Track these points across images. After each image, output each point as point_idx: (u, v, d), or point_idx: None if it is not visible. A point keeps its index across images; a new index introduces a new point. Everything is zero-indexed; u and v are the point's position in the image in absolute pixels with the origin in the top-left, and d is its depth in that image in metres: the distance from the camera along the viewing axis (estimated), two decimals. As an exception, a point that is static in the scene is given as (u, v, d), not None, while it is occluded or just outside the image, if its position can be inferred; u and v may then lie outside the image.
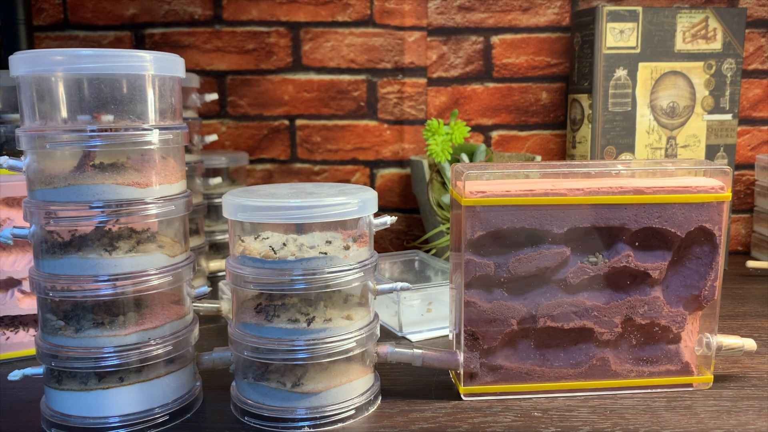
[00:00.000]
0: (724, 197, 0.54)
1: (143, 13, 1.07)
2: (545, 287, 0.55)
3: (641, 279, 0.56)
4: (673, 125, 0.95)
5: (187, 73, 0.70)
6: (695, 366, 0.58)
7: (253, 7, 1.07)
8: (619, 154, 0.95)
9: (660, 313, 0.56)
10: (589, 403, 0.55)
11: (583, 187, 0.53)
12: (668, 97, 0.94)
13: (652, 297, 0.55)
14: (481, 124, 1.09)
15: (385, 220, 0.55)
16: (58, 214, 0.48)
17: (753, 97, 1.07)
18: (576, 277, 0.55)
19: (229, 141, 1.10)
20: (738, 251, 1.10)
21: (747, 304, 0.81)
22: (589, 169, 0.56)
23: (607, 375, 0.57)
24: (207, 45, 1.08)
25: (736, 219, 1.10)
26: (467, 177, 0.53)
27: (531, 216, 0.53)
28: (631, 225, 0.54)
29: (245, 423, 0.52)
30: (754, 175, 1.08)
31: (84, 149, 0.48)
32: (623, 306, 0.55)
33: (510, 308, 0.55)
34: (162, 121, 0.51)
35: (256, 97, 1.09)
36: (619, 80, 0.93)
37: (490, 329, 0.55)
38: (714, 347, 0.57)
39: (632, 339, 0.57)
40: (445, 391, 0.58)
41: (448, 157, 0.85)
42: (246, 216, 0.50)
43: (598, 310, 0.55)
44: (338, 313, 0.52)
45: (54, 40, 1.08)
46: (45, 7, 1.07)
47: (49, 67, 0.47)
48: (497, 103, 1.09)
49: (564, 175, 0.55)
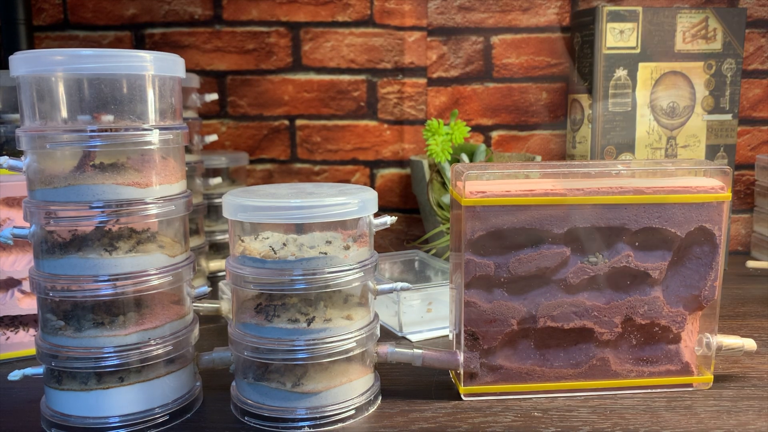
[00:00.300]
0: (724, 197, 0.54)
1: (143, 13, 1.07)
2: (545, 287, 0.55)
3: (641, 279, 0.56)
4: (673, 125, 0.95)
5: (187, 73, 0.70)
6: (695, 366, 0.58)
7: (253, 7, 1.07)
8: (619, 154, 0.95)
9: (660, 313, 0.56)
10: (589, 403, 0.55)
11: (584, 187, 0.53)
12: (668, 97, 0.94)
13: (652, 297, 0.55)
14: (481, 124, 1.09)
15: (385, 220, 0.55)
16: (58, 214, 0.48)
17: (753, 97, 1.07)
18: (576, 278, 0.55)
19: (229, 141, 1.10)
20: (738, 251, 1.10)
21: (747, 304, 0.81)
22: (589, 169, 0.56)
23: (607, 375, 0.57)
24: (207, 45, 1.08)
25: (736, 219, 1.10)
26: (467, 177, 0.53)
27: (531, 216, 0.53)
28: (631, 225, 0.54)
29: (245, 423, 0.52)
30: (754, 175, 1.08)
31: (84, 149, 0.48)
32: (623, 306, 0.55)
33: (510, 308, 0.55)
34: (162, 121, 0.51)
35: (256, 97, 1.09)
36: (619, 80, 0.93)
37: (490, 329, 0.55)
38: (714, 347, 0.57)
39: (632, 339, 0.57)
40: (445, 391, 0.58)
41: (448, 158, 0.85)
42: (246, 216, 0.50)
43: (598, 310, 0.55)
44: (338, 313, 0.52)
45: (54, 40, 1.08)
46: (45, 7, 1.07)
47: (50, 67, 0.47)
48: (497, 103, 1.09)
49: (564, 175, 0.55)
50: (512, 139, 1.10)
